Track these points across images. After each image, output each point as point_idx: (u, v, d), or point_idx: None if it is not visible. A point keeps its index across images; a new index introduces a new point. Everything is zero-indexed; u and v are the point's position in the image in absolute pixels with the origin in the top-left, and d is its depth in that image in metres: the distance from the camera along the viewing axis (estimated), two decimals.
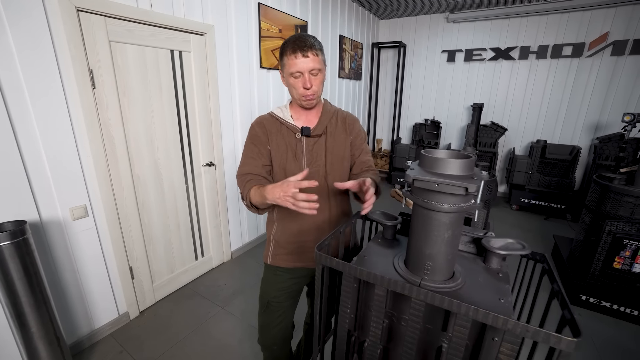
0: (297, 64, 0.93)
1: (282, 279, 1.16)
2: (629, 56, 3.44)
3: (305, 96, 0.98)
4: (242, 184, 1.03)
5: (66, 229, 1.58)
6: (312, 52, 0.93)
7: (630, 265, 1.97)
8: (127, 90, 1.74)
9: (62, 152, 1.51)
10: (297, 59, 0.92)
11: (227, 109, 2.41)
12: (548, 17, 3.74)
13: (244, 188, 1.02)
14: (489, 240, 0.78)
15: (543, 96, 3.98)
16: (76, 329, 1.69)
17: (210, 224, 2.45)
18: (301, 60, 0.92)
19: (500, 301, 0.65)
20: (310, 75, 0.95)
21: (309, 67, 0.94)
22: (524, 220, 3.69)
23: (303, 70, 0.94)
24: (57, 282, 1.58)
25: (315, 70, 0.95)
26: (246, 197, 1.00)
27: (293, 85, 0.98)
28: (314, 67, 0.94)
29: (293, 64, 0.93)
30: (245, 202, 1.01)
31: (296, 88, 0.98)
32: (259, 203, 0.96)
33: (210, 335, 1.85)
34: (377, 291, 0.66)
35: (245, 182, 1.02)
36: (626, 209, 2.05)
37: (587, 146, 3.83)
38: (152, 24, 1.78)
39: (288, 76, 0.97)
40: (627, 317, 2.04)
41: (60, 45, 1.43)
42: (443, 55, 4.47)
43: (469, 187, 0.56)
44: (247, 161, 1.06)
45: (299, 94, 0.99)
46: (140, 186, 1.90)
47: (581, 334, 0.49)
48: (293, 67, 0.94)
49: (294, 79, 0.96)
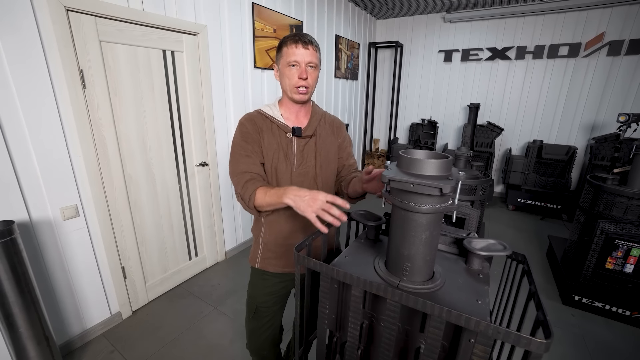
0: (295, 53, 0.94)
1: (270, 283, 1.15)
2: (625, 56, 3.44)
3: (298, 87, 0.97)
4: (241, 183, 0.97)
5: (57, 228, 1.58)
6: (311, 46, 0.95)
7: (622, 266, 1.97)
8: (119, 90, 1.74)
9: (52, 151, 1.51)
10: (297, 48, 0.94)
11: (221, 109, 2.40)
12: (544, 17, 3.74)
13: (244, 188, 0.95)
14: (470, 241, 0.78)
15: (539, 96, 3.98)
16: (67, 329, 1.69)
17: (204, 224, 2.45)
18: (301, 51, 0.94)
19: (477, 302, 0.64)
20: (307, 67, 0.96)
21: (307, 60, 0.95)
22: (519, 220, 3.69)
23: (301, 60, 0.95)
24: (48, 282, 1.58)
25: (312, 63, 0.96)
26: (249, 198, 0.94)
27: (288, 75, 0.97)
28: (312, 61, 0.96)
29: (292, 53, 0.94)
30: (245, 203, 0.96)
31: (290, 78, 0.97)
32: (267, 204, 0.91)
33: (202, 335, 1.85)
34: (353, 292, 0.66)
35: (244, 182, 0.96)
36: (619, 209, 2.05)
37: (583, 146, 3.83)
38: (143, 24, 1.78)
39: (284, 66, 0.97)
40: (618, 318, 2.04)
41: (49, 44, 1.43)
42: (440, 55, 4.47)
43: (444, 188, 0.56)
44: (242, 159, 1.00)
45: (292, 84, 0.97)
46: (133, 186, 1.90)
47: (552, 336, 0.49)
48: (291, 56, 0.94)
49: (290, 68, 0.96)
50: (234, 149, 1.02)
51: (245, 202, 0.95)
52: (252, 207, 0.95)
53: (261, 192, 0.93)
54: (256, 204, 0.94)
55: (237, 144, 1.02)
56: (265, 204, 0.92)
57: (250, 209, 0.96)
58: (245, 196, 0.95)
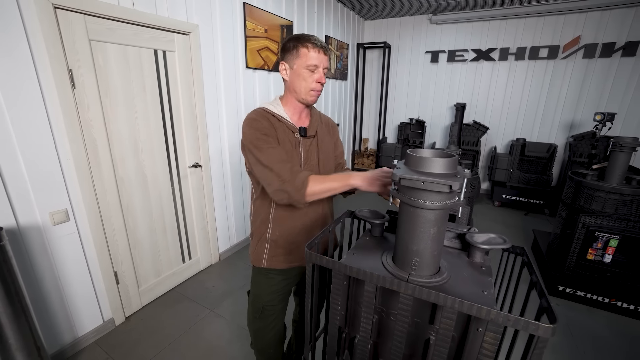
0: (318, 59, 0.97)
1: (274, 281, 1.16)
2: (599, 59, 3.63)
3: (315, 90, 1.01)
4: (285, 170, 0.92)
5: (46, 234, 1.52)
6: (328, 53, 1.01)
7: (602, 256, 2.08)
8: (109, 90, 1.69)
9: (41, 154, 1.46)
10: (319, 53, 0.97)
11: (213, 109, 2.38)
12: (525, 20, 3.90)
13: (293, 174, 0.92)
14: (472, 236, 0.81)
15: (522, 96, 4.14)
16: (58, 338, 1.64)
17: (197, 226, 2.41)
18: (322, 57, 0.98)
19: (483, 293, 0.68)
20: (323, 72, 1.01)
21: (325, 65, 1.00)
22: (505, 216, 3.83)
23: (320, 65, 0.98)
24: (37, 289, 1.52)
25: (327, 68, 1.02)
26: (302, 184, 0.91)
27: (305, 78, 0.99)
28: (327, 67, 1.01)
29: (314, 57, 0.97)
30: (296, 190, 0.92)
31: (307, 81, 0.99)
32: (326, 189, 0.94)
33: (199, 338, 1.83)
34: (366, 287, 0.68)
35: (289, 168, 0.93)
36: (598, 203, 2.17)
37: (563, 144, 4.01)
38: (134, 23, 1.74)
39: (301, 68, 0.98)
40: (599, 305, 2.16)
41: (36, 43, 1.37)
42: (427, 55, 4.57)
43: (453, 185, 0.59)
44: (271, 151, 0.94)
45: (309, 87, 1.00)
46: (125, 188, 1.85)
47: (557, 321, 0.53)
48: (313, 60, 0.97)
49: (309, 71, 0.98)
50: (257, 142, 0.95)
51: (297, 189, 0.92)
52: (303, 193, 0.92)
53: (316, 178, 0.95)
54: (309, 191, 0.92)
55: (257, 137, 0.96)
56: (322, 190, 0.94)
57: (299, 196, 0.92)
58: (298, 182, 0.92)
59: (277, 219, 1.09)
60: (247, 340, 1.77)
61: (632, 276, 2.04)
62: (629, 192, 2.06)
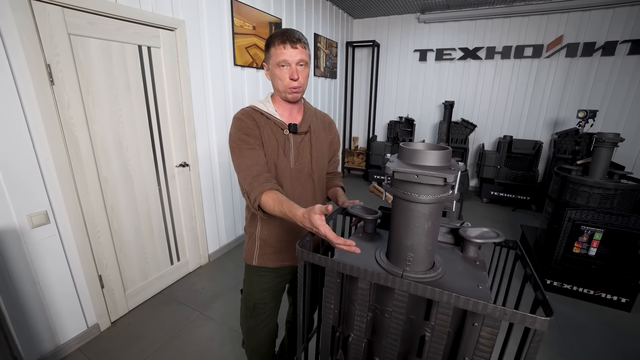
0: (284, 54, 0.92)
1: (266, 279, 1.14)
2: (581, 58, 3.74)
3: (291, 88, 0.97)
4: (248, 179, 0.93)
5: (24, 237, 1.45)
6: (300, 45, 0.94)
7: (587, 249, 2.14)
8: (91, 87, 1.62)
9: (17, 154, 1.38)
10: (285, 49, 0.92)
11: (201, 107, 2.32)
12: (511, 19, 3.97)
13: (252, 186, 0.91)
14: (465, 230, 0.81)
15: (508, 94, 4.22)
16: (38, 346, 1.56)
17: (185, 227, 2.35)
18: (290, 51, 0.92)
19: (478, 288, 0.67)
20: (298, 66, 0.95)
21: (297, 59, 0.94)
22: (494, 212, 3.90)
23: (291, 61, 0.93)
24: (14, 296, 1.44)
25: (302, 62, 0.95)
26: (255, 199, 0.90)
27: (279, 76, 0.96)
28: (302, 59, 0.95)
29: (281, 53, 0.92)
30: (250, 203, 0.92)
31: (282, 79, 0.96)
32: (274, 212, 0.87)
33: (189, 342, 1.78)
34: (360, 285, 0.66)
35: (251, 178, 0.92)
36: (582, 197, 2.22)
37: (548, 141, 4.11)
38: (117, 17, 1.67)
39: (274, 67, 0.95)
40: (584, 297, 2.22)
41: (9, 36, 1.30)
42: (415, 54, 4.61)
43: (448, 177, 0.58)
44: (246, 153, 0.95)
45: (284, 85, 0.97)
46: (109, 189, 1.79)
47: (553, 313, 0.52)
48: (281, 56, 0.93)
49: (281, 69, 0.95)
50: (236, 143, 0.97)
51: (252, 201, 0.92)
52: (257, 208, 0.92)
53: (271, 197, 0.87)
54: (262, 206, 0.90)
55: (238, 138, 0.97)
56: (271, 211, 0.88)
57: (255, 209, 0.92)
58: (252, 196, 0.91)
59: (264, 219, 1.06)
60: (238, 342, 1.74)
61: (614, 268, 2.10)
62: (612, 186, 2.12)
